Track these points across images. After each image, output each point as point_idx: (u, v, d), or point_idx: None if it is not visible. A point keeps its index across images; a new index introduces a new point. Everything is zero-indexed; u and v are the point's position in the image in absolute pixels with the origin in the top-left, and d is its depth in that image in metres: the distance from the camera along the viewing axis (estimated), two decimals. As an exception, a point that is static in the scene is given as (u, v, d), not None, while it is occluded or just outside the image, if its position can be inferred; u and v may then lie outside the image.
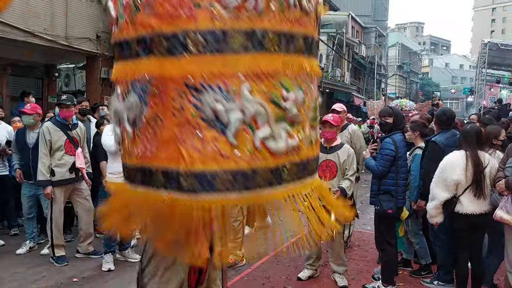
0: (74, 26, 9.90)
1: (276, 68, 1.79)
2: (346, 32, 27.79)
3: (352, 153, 4.64)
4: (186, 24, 1.69)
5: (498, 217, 3.68)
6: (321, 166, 4.52)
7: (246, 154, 1.77)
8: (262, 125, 1.79)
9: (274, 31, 1.78)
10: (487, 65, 19.11)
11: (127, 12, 1.81)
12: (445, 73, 59.76)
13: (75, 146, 5.21)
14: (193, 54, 1.70)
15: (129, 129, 1.87)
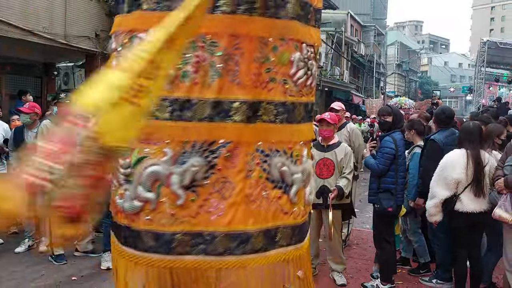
0: (73, 25, 9.89)
1: None
2: (345, 30, 27.78)
3: (350, 151, 4.66)
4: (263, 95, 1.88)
5: (496, 216, 3.69)
6: (318, 165, 4.54)
7: (301, 209, 2.03)
8: (309, 184, 2.11)
9: None
10: (486, 64, 19.12)
11: None
12: (444, 72, 59.76)
13: None
14: (264, 122, 1.89)
15: (180, 193, 1.77)
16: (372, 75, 35.83)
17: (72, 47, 9.95)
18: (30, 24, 8.94)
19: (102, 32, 10.68)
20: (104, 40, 10.76)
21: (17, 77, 11.67)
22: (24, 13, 8.81)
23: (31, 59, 11.91)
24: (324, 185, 4.51)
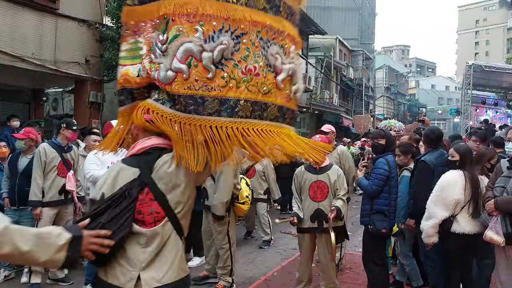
0: (63, 50, 9.90)
1: None
2: (334, 55, 28.20)
3: (342, 173, 4.66)
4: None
5: (488, 238, 3.66)
6: (311, 187, 4.52)
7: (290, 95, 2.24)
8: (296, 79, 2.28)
9: None
10: (472, 87, 19.43)
11: None
12: (431, 95, 60.64)
13: (67, 168, 5.18)
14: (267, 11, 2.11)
15: (212, 67, 1.95)
16: (361, 98, 36.22)
17: (61, 73, 9.94)
18: (19, 50, 8.93)
19: (92, 58, 10.71)
20: (94, 65, 10.79)
21: (5, 103, 11.60)
22: (13, 38, 8.82)
23: (19, 85, 11.86)
24: (319, 208, 4.47)
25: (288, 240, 7.66)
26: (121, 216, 1.93)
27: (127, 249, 1.96)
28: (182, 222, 2.08)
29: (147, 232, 1.96)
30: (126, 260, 1.96)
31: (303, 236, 4.66)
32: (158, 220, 1.99)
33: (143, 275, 1.93)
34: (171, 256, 2.02)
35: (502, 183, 3.74)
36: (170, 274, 1.99)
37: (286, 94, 2.20)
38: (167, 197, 2.02)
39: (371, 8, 54.09)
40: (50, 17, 9.59)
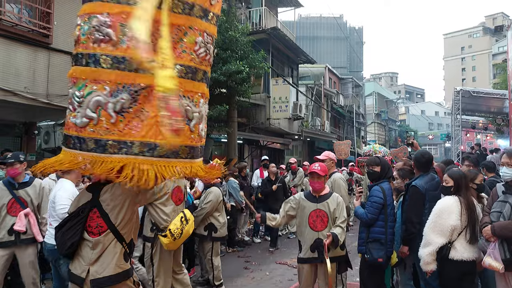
0: (56, 83, 9.93)
1: None
2: (323, 83, 28.57)
3: (341, 201, 4.59)
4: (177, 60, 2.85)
5: (486, 265, 3.63)
6: (311, 216, 4.47)
7: (196, 138, 2.99)
8: (202, 122, 3.06)
9: None
10: (462, 112, 19.68)
11: None
12: (421, 120, 61.33)
13: (22, 206, 4.87)
14: (180, 78, 2.82)
15: (113, 115, 2.67)
16: (353, 124, 36.52)
17: (54, 106, 9.94)
18: (12, 84, 8.94)
19: (85, 91, 10.75)
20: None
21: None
22: (5, 73, 8.84)
23: (11, 119, 11.82)
24: (319, 238, 4.40)
25: (284, 271, 7.55)
26: (75, 227, 2.91)
27: (81, 249, 2.95)
28: (123, 232, 2.97)
29: (93, 240, 2.92)
30: (81, 257, 2.96)
31: (303, 267, 4.57)
32: (102, 232, 2.93)
33: (91, 269, 2.91)
34: (110, 257, 2.93)
35: (498, 208, 3.74)
36: (108, 269, 2.92)
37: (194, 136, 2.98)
38: (109, 215, 2.93)
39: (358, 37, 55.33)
40: (43, 52, 9.66)
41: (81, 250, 2.95)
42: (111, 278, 2.90)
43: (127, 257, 3.06)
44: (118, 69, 2.71)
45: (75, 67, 2.89)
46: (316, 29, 54.79)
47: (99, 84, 2.70)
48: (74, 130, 2.76)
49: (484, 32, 74.58)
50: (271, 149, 19.65)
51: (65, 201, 4.40)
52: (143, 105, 2.70)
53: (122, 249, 2.98)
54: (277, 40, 18.35)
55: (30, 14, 9.49)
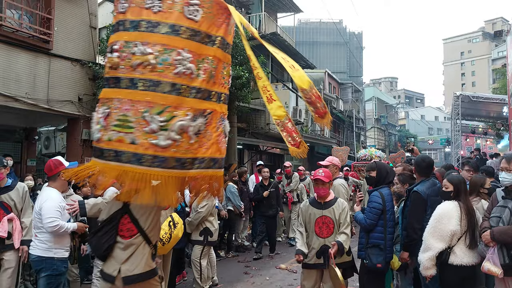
0: (56, 89, 9.97)
1: None
2: (323, 88, 28.65)
3: (346, 206, 4.59)
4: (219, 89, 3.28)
5: (485, 269, 3.63)
6: (317, 223, 4.47)
7: None
8: None
9: None
10: (461, 117, 19.73)
11: None
12: (421, 125, 61.41)
13: (5, 211, 4.74)
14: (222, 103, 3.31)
15: (193, 136, 3.01)
16: (352, 129, 36.56)
17: (54, 111, 9.97)
18: (13, 90, 8.98)
19: (85, 96, 10.78)
20: (87, 103, 10.84)
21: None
22: (6, 79, 8.88)
23: (12, 124, 11.85)
24: (325, 244, 4.40)
25: (284, 276, 7.54)
26: (109, 232, 3.22)
27: (114, 251, 3.21)
28: (150, 235, 3.27)
29: (125, 242, 3.19)
30: (113, 258, 3.21)
31: (309, 272, 4.56)
32: (133, 235, 3.21)
33: (122, 267, 3.16)
34: (139, 257, 3.21)
35: (497, 213, 3.74)
36: (138, 267, 3.19)
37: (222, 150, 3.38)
38: (139, 220, 3.22)
39: (358, 42, 55.47)
40: (43, 57, 9.71)
41: (113, 252, 3.23)
42: (141, 275, 3.23)
43: (153, 257, 3.37)
44: (195, 98, 3.07)
45: (148, 92, 2.96)
46: (315, 34, 54.96)
47: (181, 110, 2.99)
48: (153, 151, 2.93)
49: (483, 37, 74.80)
50: (271, 154, 19.68)
51: (53, 214, 4.23)
52: (208, 127, 3.13)
53: (149, 250, 3.30)
54: (276, 45, 18.37)
55: (31, 20, 9.54)
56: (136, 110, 2.94)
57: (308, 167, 21.00)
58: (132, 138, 2.92)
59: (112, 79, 3.07)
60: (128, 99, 2.97)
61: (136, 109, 2.94)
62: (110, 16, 11.76)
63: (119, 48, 3.02)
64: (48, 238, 4.27)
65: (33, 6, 9.47)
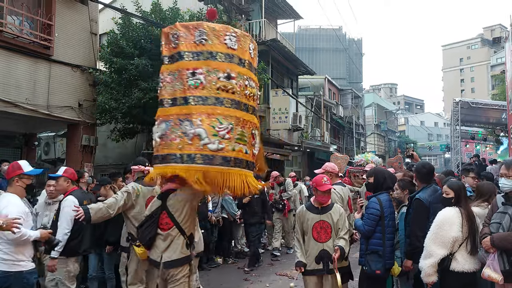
0: (56, 95, 9.98)
1: None
2: (323, 94, 28.68)
3: (343, 211, 4.60)
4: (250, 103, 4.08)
5: (486, 276, 3.61)
6: (315, 228, 4.46)
7: None
8: None
9: None
10: (461, 122, 19.74)
11: None
12: (421, 131, 61.41)
13: None
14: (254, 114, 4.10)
15: (234, 139, 3.76)
16: (352, 135, 36.59)
17: (54, 117, 9.97)
18: (13, 96, 8.99)
19: (85, 102, 10.79)
20: (87, 109, 10.85)
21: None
22: (6, 84, 8.89)
23: (11, 130, 11.85)
24: (324, 249, 4.39)
25: (284, 282, 7.51)
26: (152, 225, 3.99)
27: (156, 241, 3.99)
28: (184, 227, 4.00)
29: (164, 233, 3.96)
30: (156, 247, 3.99)
31: (309, 279, 4.53)
32: (170, 227, 3.96)
33: (163, 255, 3.94)
34: (176, 246, 3.95)
35: (498, 219, 3.73)
36: (175, 254, 3.95)
37: (253, 156, 4.02)
38: (174, 215, 3.97)
39: (357, 49, 55.62)
40: (44, 63, 9.73)
41: (156, 242, 4.00)
42: (178, 261, 3.95)
43: (188, 247, 4.04)
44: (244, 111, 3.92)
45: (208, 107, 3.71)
46: (315, 41, 55.14)
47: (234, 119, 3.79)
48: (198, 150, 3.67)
49: (482, 43, 75.05)
50: (271, 160, 19.66)
51: None
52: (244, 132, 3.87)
53: (184, 240, 4.00)
54: (276, 52, 18.48)
55: (32, 26, 9.57)
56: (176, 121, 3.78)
57: (308, 173, 20.99)
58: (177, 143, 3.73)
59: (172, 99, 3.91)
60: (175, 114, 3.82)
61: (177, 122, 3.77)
62: (110, 22, 11.81)
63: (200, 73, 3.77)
64: (12, 249, 3.82)
65: (33, 12, 9.50)
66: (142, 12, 11.04)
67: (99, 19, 11.92)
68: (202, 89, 3.71)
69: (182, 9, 11.33)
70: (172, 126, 3.75)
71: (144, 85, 10.18)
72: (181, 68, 3.80)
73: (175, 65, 3.88)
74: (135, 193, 4.87)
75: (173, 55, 3.90)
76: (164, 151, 3.75)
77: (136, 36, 10.78)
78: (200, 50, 3.77)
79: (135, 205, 4.86)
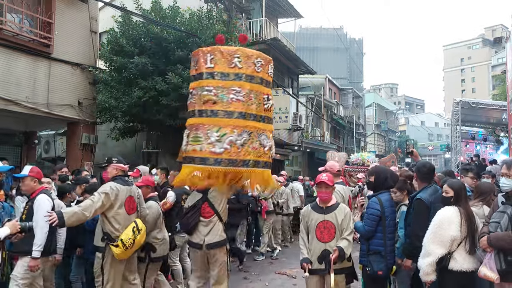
0: (56, 93, 9.98)
1: None
2: (324, 93, 28.66)
3: (349, 211, 4.54)
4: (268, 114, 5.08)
5: (482, 274, 3.61)
6: (318, 228, 4.42)
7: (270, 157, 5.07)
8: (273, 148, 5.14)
9: None
10: (461, 123, 19.72)
11: None
12: (421, 131, 61.41)
13: None
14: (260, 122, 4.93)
15: (239, 146, 4.55)
16: (353, 135, 36.59)
17: (54, 115, 9.97)
18: (13, 94, 8.99)
19: (85, 100, 10.79)
20: (87, 107, 10.84)
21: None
22: (6, 83, 8.88)
23: (11, 128, 11.85)
24: (326, 249, 4.35)
25: (284, 281, 7.51)
26: (194, 214, 4.79)
27: (198, 227, 4.78)
28: (222, 215, 4.86)
29: (206, 220, 4.78)
30: (199, 231, 4.79)
31: (311, 278, 4.50)
32: (211, 215, 4.79)
33: (205, 238, 4.74)
34: (216, 231, 4.79)
35: (497, 218, 3.73)
36: (216, 238, 4.77)
37: (268, 155, 4.90)
38: (215, 205, 4.81)
39: (358, 48, 55.60)
40: (44, 61, 9.73)
41: (198, 228, 4.80)
42: (218, 243, 4.77)
43: (225, 231, 4.89)
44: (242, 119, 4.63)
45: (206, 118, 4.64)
46: (316, 40, 55.07)
47: (229, 128, 4.55)
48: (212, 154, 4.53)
49: (483, 43, 75.01)
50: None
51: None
52: (251, 139, 4.65)
53: (222, 226, 4.86)
54: (277, 51, 18.46)
55: (31, 24, 9.57)
56: (208, 129, 4.58)
57: (308, 173, 20.99)
58: (200, 147, 4.57)
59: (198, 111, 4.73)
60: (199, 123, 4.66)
61: (207, 129, 4.58)
62: (110, 21, 11.80)
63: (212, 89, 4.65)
64: None
65: (33, 10, 9.50)
66: (142, 10, 11.03)
67: (99, 17, 11.92)
68: None
69: (182, 7, 11.33)
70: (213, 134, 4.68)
71: (144, 84, 10.19)
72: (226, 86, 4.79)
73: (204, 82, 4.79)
74: (113, 194, 4.69)
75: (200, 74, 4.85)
76: (197, 154, 4.61)
77: (136, 35, 10.78)
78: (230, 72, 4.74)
79: (114, 205, 4.70)
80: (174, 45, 10.63)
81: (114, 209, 4.70)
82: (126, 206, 4.81)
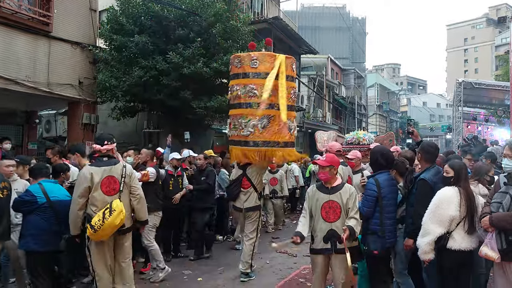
0: (56, 73, 9.92)
1: None
2: (326, 74, 28.50)
3: (354, 191, 4.54)
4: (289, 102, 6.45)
5: (483, 254, 3.65)
6: (324, 207, 4.44)
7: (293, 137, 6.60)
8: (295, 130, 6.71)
9: None
10: (463, 103, 19.63)
11: None
12: (423, 112, 61.22)
13: None
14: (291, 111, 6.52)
15: (260, 128, 6.06)
16: (354, 116, 36.51)
17: (55, 95, 9.93)
18: (13, 73, 8.93)
19: (86, 79, 10.73)
20: (88, 87, 10.79)
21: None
22: (6, 61, 8.82)
23: (12, 108, 11.82)
24: (332, 229, 4.37)
25: (284, 259, 7.59)
26: (236, 186, 6.54)
27: (240, 196, 6.51)
28: (258, 187, 6.49)
29: (245, 191, 6.46)
30: (240, 199, 6.52)
31: (316, 258, 4.53)
32: (248, 187, 6.44)
33: (244, 204, 6.46)
34: (252, 198, 6.45)
35: (499, 198, 3.75)
36: (252, 203, 6.46)
37: (292, 136, 6.44)
38: (252, 179, 6.44)
39: (361, 28, 55.00)
40: (43, 40, 9.64)
41: (239, 196, 6.47)
42: (254, 207, 6.45)
43: (259, 199, 6.53)
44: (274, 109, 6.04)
45: (238, 109, 6.25)
46: (318, 19, 54.41)
47: (253, 116, 6.03)
48: (242, 137, 6.16)
49: (487, 23, 74.12)
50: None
51: None
52: (272, 123, 6.04)
53: (257, 195, 6.46)
54: (279, 30, 18.27)
55: (30, 1, 9.45)
56: (239, 118, 6.18)
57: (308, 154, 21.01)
58: (238, 132, 6.20)
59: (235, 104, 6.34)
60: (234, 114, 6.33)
61: (239, 118, 6.19)
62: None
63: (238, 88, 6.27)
64: None
65: (32, -13, 9.36)
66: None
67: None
68: None
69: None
70: None
71: (145, 63, 10.11)
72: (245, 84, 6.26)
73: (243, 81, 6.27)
74: (86, 180, 4.65)
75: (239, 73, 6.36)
76: (235, 138, 6.31)
77: (136, 13, 10.65)
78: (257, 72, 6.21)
79: (92, 187, 4.65)
80: (175, 23, 10.51)
81: (90, 192, 4.64)
82: (104, 188, 4.68)
